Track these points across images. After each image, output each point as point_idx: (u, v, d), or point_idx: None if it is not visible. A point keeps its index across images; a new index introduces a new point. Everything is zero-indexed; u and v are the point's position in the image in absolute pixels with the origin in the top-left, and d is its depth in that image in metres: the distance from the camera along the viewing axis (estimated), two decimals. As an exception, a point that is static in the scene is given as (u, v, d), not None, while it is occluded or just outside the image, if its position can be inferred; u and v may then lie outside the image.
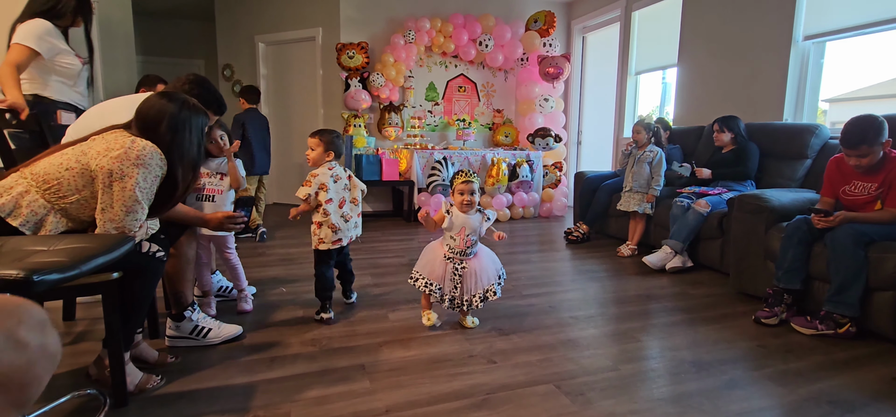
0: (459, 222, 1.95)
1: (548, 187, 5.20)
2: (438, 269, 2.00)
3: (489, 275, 1.99)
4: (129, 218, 1.37)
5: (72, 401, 1.45)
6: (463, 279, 1.97)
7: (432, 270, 2.00)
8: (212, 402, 1.48)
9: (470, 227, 1.95)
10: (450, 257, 1.99)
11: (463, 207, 1.95)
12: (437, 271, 2.00)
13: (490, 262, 2.03)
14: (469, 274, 1.97)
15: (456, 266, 1.97)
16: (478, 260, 1.99)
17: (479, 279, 1.97)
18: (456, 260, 1.98)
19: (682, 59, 4.23)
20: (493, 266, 2.04)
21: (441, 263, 2.00)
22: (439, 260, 2.01)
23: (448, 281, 1.98)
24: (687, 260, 3.02)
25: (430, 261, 2.03)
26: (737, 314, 2.29)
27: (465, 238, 1.95)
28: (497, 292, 2.00)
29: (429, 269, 2.01)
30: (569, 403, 1.49)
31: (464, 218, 1.95)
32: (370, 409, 1.44)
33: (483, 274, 1.98)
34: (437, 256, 2.02)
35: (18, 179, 1.37)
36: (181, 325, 1.82)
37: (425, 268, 2.02)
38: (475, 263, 1.98)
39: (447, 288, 1.99)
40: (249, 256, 3.21)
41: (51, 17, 2.19)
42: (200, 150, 1.55)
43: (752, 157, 3.15)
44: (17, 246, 1.17)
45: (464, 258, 1.98)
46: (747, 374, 1.70)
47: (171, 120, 1.44)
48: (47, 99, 2.22)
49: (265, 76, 5.64)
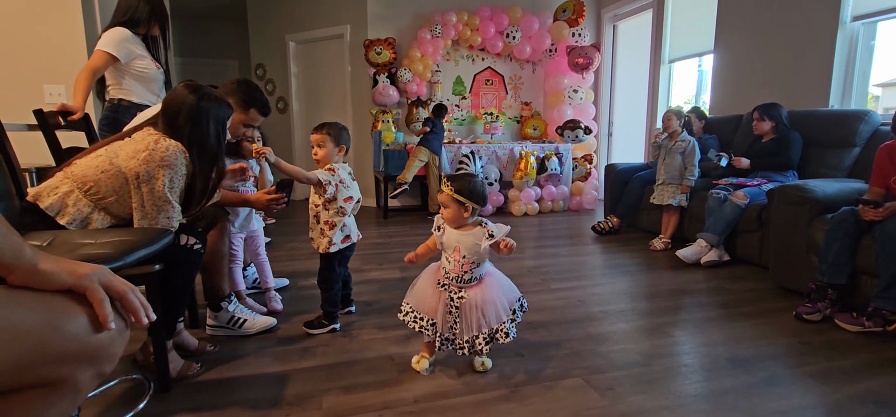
0: (451, 240, 1.51)
1: (577, 180, 5.12)
2: (431, 299, 1.55)
3: (499, 310, 1.51)
4: (162, 216, 1.44)
5: (120, 385, 1.54)
6: (462, 312, 1.52)
7: (422, 299, 1.57)
8: (248, 389, 1.54)
9: (466, 246, 1.49)
10: (444, 285, 1.55)
11: (449, 221, 1.53)
12: (428, 301, 1.56)
13: (500, 292, 1.54)
14: (469, 307, 1.50)
15: (452, 296, 1.52)
16: (481, 289, 1.51)
17: (482, 315, 1.49)
18: (452, 288, 1.53)
19: (718, 44, 4.07)
20: (506, 297, 1.55)
21: (434, 291, 1.55)
22: (432, 288, 1.56)
23: (442, 315, 1.54)
24: (723, 254, 2.92)
25: (421, 289, 1.59)
26: (776, 310, 2.20)
27: (459, 261, 1.51)
28: (510, 332, 1.51)
29: (418, 298, 1.58)
30: (597, 397, 1.48)
31: (457, 235, 1.50)
32: (399, 399, 1.47)
33: (489, 308, 1.49)
34: (430, 282, 1.58)
35: (63, 179, 1.45)
36: (219, 316, 1.91)
37: (415, 297, 1.60)
38: (477, 293, 1.51)
39: (441, 324, 1.54)
40: (279, 249, 3.30)
41: (129, 26, 2.34)
42: (220, 141, 1.55)
43: (794, 146, 3.00)
44: (68, 239, 1.25)
45: (463, 286, 1.53)
46: (787, 372, 1.64)
47: (190, 111, 1.48)
48: (129, 102, 2.37)
49: (296, 75, 5.77)
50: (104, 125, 2.38)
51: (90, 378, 0.66)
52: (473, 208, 1.48)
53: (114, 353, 0.68)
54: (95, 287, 0.65)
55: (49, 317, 0.61)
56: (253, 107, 1.86)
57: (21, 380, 0.60)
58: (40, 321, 0.60)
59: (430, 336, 1.56)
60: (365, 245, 2.32)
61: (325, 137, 1.83)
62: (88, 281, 0.65)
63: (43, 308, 0.61)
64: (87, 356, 0.64)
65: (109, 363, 0.68)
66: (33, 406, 0.62)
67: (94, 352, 0.65)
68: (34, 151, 2.70)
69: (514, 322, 1.55)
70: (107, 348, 0.66)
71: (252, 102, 1.85)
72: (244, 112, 1.85)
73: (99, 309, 0.64)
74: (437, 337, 1.55)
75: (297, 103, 5.85)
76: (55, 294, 0.63)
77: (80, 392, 0.66)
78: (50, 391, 0.62)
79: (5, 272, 0.61)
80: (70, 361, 0.62)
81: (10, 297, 0.60)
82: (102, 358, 0.66)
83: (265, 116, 1.94)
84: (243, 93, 1.83)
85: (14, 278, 0.62)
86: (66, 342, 0.61)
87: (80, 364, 0.64)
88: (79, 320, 0.63)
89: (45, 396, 0.62)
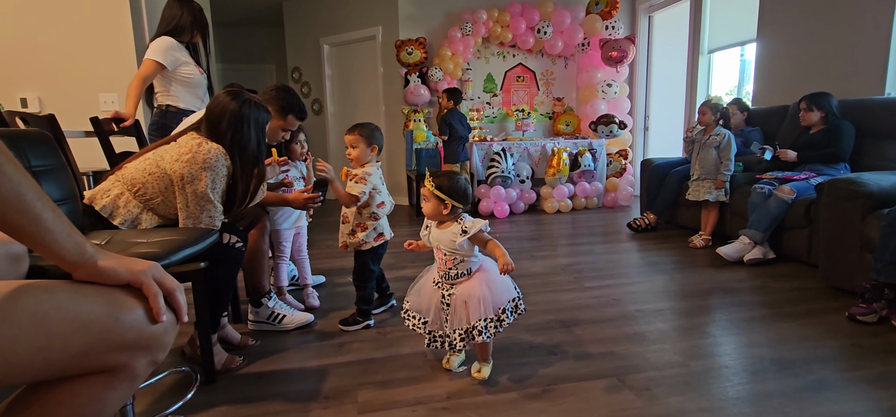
0: (434, 238, 1.54)
1: (612, 176, 5.01)
2: (426, 296, 1.58)
3: (483, 307, 1.46)
4: (205, 215, 1.51)
5: (170, 377, 1.63)
6: (451, 309, 1.51)
7: (420, 297, 1.59)
8: (288, 382, 1.60)
9: (444, 243, 1.50)
10: (437, 283, 1.57)
11: (428, 215, 1.54)
12: (425, 298, 1.58)
13: (487, 289, 1.48)
14: (456, 304, 1.50)
15: (444, 294, 1.54)
16: (469, 286, 1.50)
17: (466, 311, 1.47)
18: (444, 286, 1.55)
19: (762, 32, 3.89)
20: (495, 296, 1.49)
21: (430, 289, 1.58)
22: (429, 286, 1.59)
23: (435, 312, 1.55)
24: (768, 252, 2.80)
25: (421, 287, 1.61)
26: (827, 310, 2.09)
27: (442, 258, 1.53)
28: (484, 333, 1.44)
29: (417, 296, 1.61)
30: (633, 398, 1.45)
31: (438, 233, 1.53)
32: (432, 395, 1.49)
33: (475, 305, 1.46)
34: (428, 280, 1.60)
35: (114, 182, 1.55)
36: (259, 311, 1.99)
37: (414, 295, 1.62)
38: (465, 289, 1.50)
39: (433, 322, 1.55)
40: (317, 247, 3.39)
41: (174, 34, 2.48)
42: (260, 145, 1.63)
43: (845, 137, 2.83)
44: (123, 239, 1.34)
45: (453, 283, 1.53)
46: (838, 375, 1.55)
47: (232, 116, 1.54)
48: (176, 108, 2.51)
49: (330, 77, 5.90)
50: (153, 130, 2.52)
51: (145, 365, 0.72)
52: (454, 207, 1.49)
53: (166, 342, 0.74)
54: (150, 283, 0.71)
55: (111, 309, 0.67)
56: (291, 113, 1.93)
57: (87, 366, 0.66)
58: (103, 313, 0.66)
59: (422, 333, 1.58)
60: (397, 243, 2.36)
61: (357, 138, 1.89)
62: (144, 277, 0.71)
63: (105, 302, 0.67)
64: (143, 345, 0.70)
65: (162, 352, 0.74)
66: (97, 390, 0.68)
67: (150, 341, 0.71)
68: (91, 156, 2.89)
69: (502, 322, 1.48)
70: (160, 337, 0.72)
71: (290, 108, 1.92)
72: (282, 118, 1.91)
73: (153, 303, 0.70)
74: (427, 335, 1.56)
75: (331, 105, 5.99)
76: (115, 289, 0.69)
77: (137, 378, 0.72)
78: (111, 376, 0.69)
79: (70, 269, 0.67)
80: (128, 349, 0.69)
81: (77, 291, 0.66)
82: (156, 347, 0.72)
83: (302, 121, 2.00)
84: (282, 100, 1.90)
85: (79, 274, 0.67)
86: (126, 331, 0.68)
87: (137, 352, 0.70)
88: (136, 312, 0.69)
89: (107, 381, 0.69)
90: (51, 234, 0.63)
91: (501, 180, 4.59)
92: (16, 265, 0.77)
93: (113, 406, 0.71)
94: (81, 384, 0.67)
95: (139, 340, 0.69)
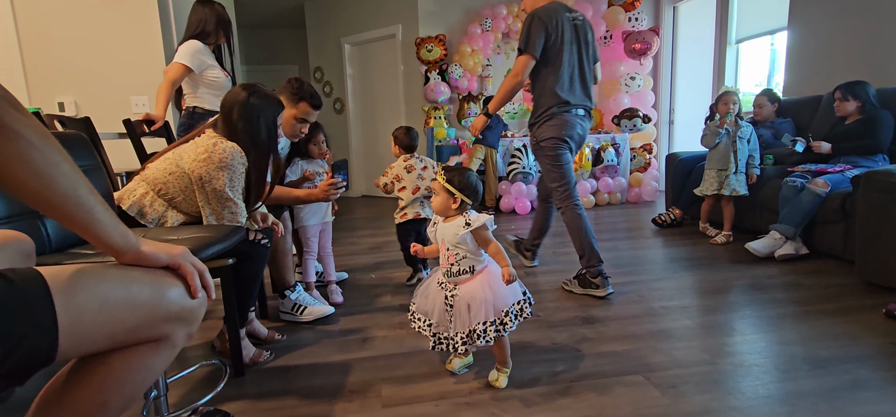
0: (439, 233, 1.50)
1: (636, 170, 4.92)
2: (432, 297, 1.53)
3: (488, 308, 1.40)
4: (226, 212, 1.55)
5: (200, 370, 1.69)
6: (455, 310, 1.45)
7: (425, 298, 1.55)
8: (313, 376, 1.63)
9: (448, 237, 1.45)
10: (441, 283, 1.51)
11: (436, 208, 1.50)
12: (429, 299, 1.53)
13: (490, 291, 1.42)
14: (459, 305, 1.44)
15: (447, 295, 1.47)
16: (472, 286, 1.44)
17: (468, 312, 1.42)
18: (448, 286, 1.48)
19: (793, 19, 3.75)
20: (499, 298, 1.42)
21: (435, 289, 1.52)
22: (433, 287, 1.54)
23: (439, 313, 1.49)
24: (801, 247, 2.71)
25: (426, 287, 1.57)
26: (864, 308, 2.01)
27: (445, 253, 1.47)
28: (483, 336, 1.38)
29: (424, 298, 1.56)
30: (659, 395, 1.43)
31: (442, 228, 1.48)
32: (454, 391, 1.50)
33: (477, 306, 1.41)
34: (433, 281, 1.56)
35: (139, 182, 1.60)
36: (285, 302, 2.06)
37: (421, 295, 1.57)
38: (468, 289, 1.44)
39: (438, 323, 1.50)
40: (339, 244, 3.44)
41: (200, 38, 2.55)
42: (271, 134, 1.63)
43: (884, 127, 2.71)
44: (155, 236, 1.38)
45: (456, 282, 1.47)
46: (876, 374, 1.50)
47: (242, 107, 1.57)
48: (203, 109, 2.59)
49: (351, 76, 5.97)
50: (182, 131, 2.60)
51: (184, 335, 0.83)
52: (463, 202, 1.46)
53: (199, 316, 0.85)
54: (187, 264, 0.82)
55: (157, 289, 0.78)
56: (303, 100, 1.92)
57: (138, 337, 0.76)
58: (151, 292, 0.77)
59: (427, 335, 1.53)
60: (419, 240, 2.38)
61: (392, 141, 2.45)
62: (181, 259, 0.82)
63: (152, 282, 0.77)
64: (183, 317, 0.81)
65: (197, 323, 0.85)
66: (146, 357, 0.79)
67: (188, 314, 0.82)
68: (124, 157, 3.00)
69: (505, 325, 1.41)
70: (196, 310, 0.83)
71: (301, 94, 1.91)
72: (294, 106, 1.91)
73: (191, 281, 0.81)
74: (432, 337, 1.52)
75: (353, 103, 6.06)
76: (158, 270, 0.80)
77: (177, 346, 0.83)
78: (157, 344, 0.79)
79: (117, 255, 0.76)
80: (172, 321, 0.79)
81: (127, 275, 0.76)
82: (193, 319, 0.83)
83: (316, 109, 1.98)
84: (293, 88, 1.91)
85: (125, 259, 0.76)
86: (170, 306, 0.79)
87: (178, 323, 0.81)
88: (177, 289, 0.80)
89: (154, 349, 0.79)
90: (102, 225, 0.71)
91: (522, 176, 4.56)
92: (28, 263, 0.86)
93: (157, 371, 0.82)
94: (132, 352, 0.77)
95: (181, 313, 0.80)
